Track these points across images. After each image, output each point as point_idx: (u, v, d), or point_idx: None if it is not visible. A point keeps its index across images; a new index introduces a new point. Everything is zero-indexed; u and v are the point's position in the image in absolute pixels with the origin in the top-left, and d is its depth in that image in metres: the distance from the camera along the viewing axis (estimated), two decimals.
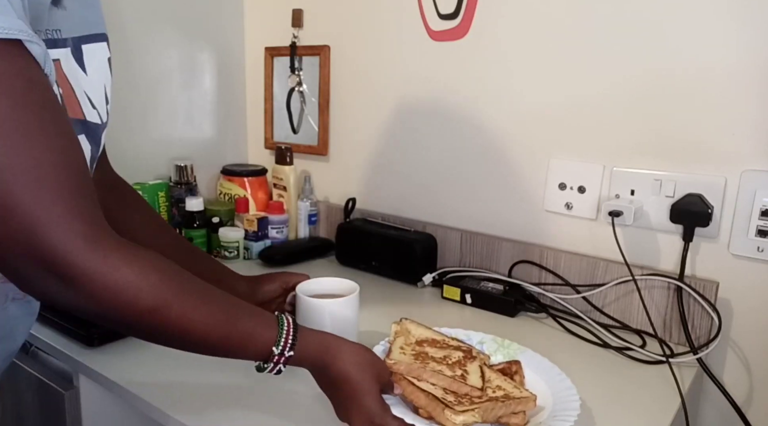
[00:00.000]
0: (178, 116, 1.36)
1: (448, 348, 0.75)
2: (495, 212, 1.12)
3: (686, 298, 0.91)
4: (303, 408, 0.70)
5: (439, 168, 1.19)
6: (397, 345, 0.73)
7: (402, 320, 0.79)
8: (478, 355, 0.75)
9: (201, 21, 1.37)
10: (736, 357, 0.90)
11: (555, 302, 1.02)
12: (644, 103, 0.93)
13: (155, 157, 1.33)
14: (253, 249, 1.25)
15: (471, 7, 1.08)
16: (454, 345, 0.76)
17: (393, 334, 0.77)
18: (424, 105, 1.18)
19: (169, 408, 0.69)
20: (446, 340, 0.77)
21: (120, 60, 1.22)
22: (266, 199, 1.39)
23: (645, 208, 0.95)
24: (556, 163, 1.03)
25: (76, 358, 0.80)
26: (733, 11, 0.83)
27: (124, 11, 1.21)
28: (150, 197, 1.26)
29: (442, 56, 1.14)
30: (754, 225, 0.85)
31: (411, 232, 1.17)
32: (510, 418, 0.65)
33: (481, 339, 0.82)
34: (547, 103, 1.02)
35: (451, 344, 0.76)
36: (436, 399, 0.63)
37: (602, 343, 0.91)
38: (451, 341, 0.77)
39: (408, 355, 0.71)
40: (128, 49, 1.23)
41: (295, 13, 1.34)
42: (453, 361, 0.72)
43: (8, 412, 0.96)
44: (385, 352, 0.74)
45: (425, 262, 1.14)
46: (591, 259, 1.00)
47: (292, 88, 1.40)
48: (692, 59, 0.87)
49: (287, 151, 1.33)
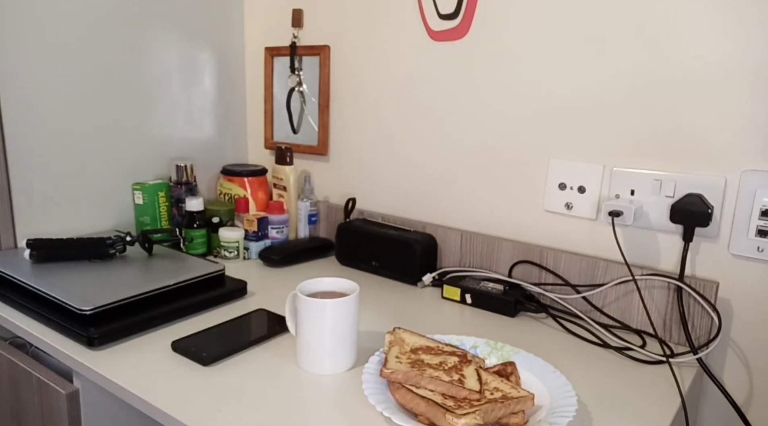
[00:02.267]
0: (178, 116, 1.36)
1: (443, 354, 0.76)
2: (495, 212, 1.12)
3: (686, 298, 0.91)
4: (303, 408, 0.70)
5: (439, 168, 1.19)
6: (392, 354, 0.74)
7: (395, 329, 0.80)
8: (473, 358, 0.75)
9: (201, 21, 1.37)
10: (736, 357, 0.90)
11: (555, 302, 1.02)
12: (644, 103, 0.93)
13: (155, 157, 1.33)
14: (253, 249, 1.25)
15: (471, 7, 1.08)
16: (448, 351, 0.77)
17: (387, 344, 0.77)
18: (424, 105, 1.18)
19: (169, 408, 0.69)
20: (440, 346, 0.78)
21: (120, 60, 1.22)
22: (266, 199, 1.39)
23: (645, 208, 0.95)
24: (556, 163, 1.03)
25: (76, 358, 0.80)
26: (733, 11, 0.83)
27: (125, 11, 1.21)
28: (150, 197, 1.26)
29: (442, 56, 1.14)
30: (754, 225, 0.85)
31: (411, 232, 1.17)
32: (510, 418, 0.65)
33: (474, 343, 0.83)
34: (547, 102, 1.03)
35: (446, 350, 0.77)
36: (436, 405, 0.64)
37: (602, 343, 0.91)
38: (445, 347, 0.78)
39: (404, 363, 0.72)
40: (128, 49, 1.24)
41: (295, 13, 1.34)
42: (449, 366, 0.72)
43: (8, 412, 0.96)
44: (381, 362, 0.75)
45: (425, 262, 1.14)
46: (591, 259, 1.00)
47: (292, 88, 1.40)
48: (692, 59, 0.87)
49: (287, 151, 1.33)
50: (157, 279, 0.96)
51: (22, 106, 1.08)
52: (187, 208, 1.22)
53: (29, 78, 1.09)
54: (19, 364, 0.90)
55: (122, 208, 1.28)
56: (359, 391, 0.73)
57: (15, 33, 1.06)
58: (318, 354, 0.77)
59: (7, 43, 1.05)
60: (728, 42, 0.84)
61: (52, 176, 1.15)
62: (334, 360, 0.77)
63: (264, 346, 0.85)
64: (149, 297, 0.92)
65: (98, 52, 1.18)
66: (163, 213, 1.29)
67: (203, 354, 0.79)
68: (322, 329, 0.76)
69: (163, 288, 0.94)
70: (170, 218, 1.30)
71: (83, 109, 1.18)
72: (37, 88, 1.10)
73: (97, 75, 1.19)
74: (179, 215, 1.29)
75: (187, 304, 0.94)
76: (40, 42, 1.09)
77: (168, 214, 1.30)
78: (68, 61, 1.14)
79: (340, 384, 0.75)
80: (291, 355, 0.82)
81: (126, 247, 1.09)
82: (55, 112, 1.13)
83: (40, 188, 1.13)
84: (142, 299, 0.91)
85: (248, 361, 0.80)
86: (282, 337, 0.88)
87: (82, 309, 0.84)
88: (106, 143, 1.23)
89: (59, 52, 1.12)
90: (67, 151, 1.16)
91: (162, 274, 0.99)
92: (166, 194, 1.29)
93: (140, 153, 1.29)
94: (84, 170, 1.20)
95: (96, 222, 1.24)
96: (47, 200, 1.15)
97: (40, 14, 1.08)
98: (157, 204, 1.28)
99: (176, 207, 1.29)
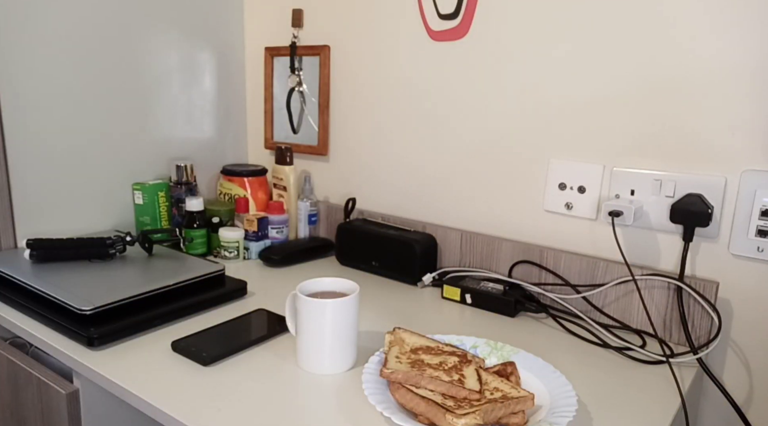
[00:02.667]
0: (178, 116, 1.36)
1: (443, 354, 0.76)
2: (495, 212, 1.12)
3: (686, 298, 0.91)
4: (303, 408, 0.70)
5: (439, 168, 1.19)
6: (392, 354, 0.74)
7: (395, 330, 0.80)
8: (473, 358, 0.75)
9: (201, 21, 1.37)
10: (736, 357, 0.90)
11: (555, 302, 1.02)
12: (644, 103, 0.93)
13: (155, 157, 1.33)
14: (253, 249, 1.25)
15: (471, 7, 1.08)
16: (448, 351, 0.77)
17: (387, 344, 0.77)
18: (424, 105, 1.18)
19: (169, 408, 0.69)
20: (440, 346, 0.78)
21: (120, 60, 1.22)
22: (266, 199, 1.39)
23: (645, 208, 0.95)
24: (556, 163, 1.03)
25: (76, 358, 0.80)
26: (734, 11, 0.83)
27: (125, 11, 1.21)
28: (150, 197, 1.26)
29: (442, 56, 1.14)
30: (754, 225, 0.85)
31: (411, 232, 1.17)
32: (510, 418, 0.65)
33: (474, 343, 0.83)
34: (547, 102, 1.02)
35: (446, 350, 0.77)
36: (436, 405, 0.64)
37: (602, 343, 0.91)
38: (445, 347, 0.78)
39: (404, 363, 0.72)
40: (128, 49, 1.24)
41: (295, 13, 1.34)
42: (449, 366, 0.72)
43: (8, 412, 0.96)
44: (381, 362, 0.75)
45: (425, 262, 1.14)
46: (591, 259, 1.00)
47: (292, 88, 1.40)
48: (692, 59, 0.87)
49: (287, 151, 1.33)
50: (157, 279, 0.96)
51: (22, 106, 1.08)
52: (187, 208, 1.22)
53: (29, 78, 1.09)
54: (19, 364, 0.90)
55: (122, 208, 1.28)
56: (359, 391, 0.73)
57: (15, 33, 1.06)
58: (318, 354, 0.77)
59: (7, 44, 1.05)
60: (728, 42, 0.84)
61: (52, 176, 1.15)
62: (334, 360, 0.77)
63: (264, 346, 0.85)
64: (149, 297, 0.92)
65: (98, 52, 1.18)
66: (163, 213, 1.29)
67: (203, 354, 0.79)
68: (322, 329, 0.76)
69: (163, 288, 0.94)
70: (170, 218, 1.30)
71: (83, 109, 1.18)
72: (37, 88, 1.10)
73: (97, 75, 1.19)
74: (179, 215, 1.29)
75: (187, 304, 0.94)
76: (40, 42, 1.09)
77: (168, 214, 1.30)
78: (68, 61, 1.14)
79: (340, 384, 0.75)
80: (291, 355, 0.82)
81: (126, 247, 1.09)
82: (55, 112, 1.13)
83: (41, 188, 1.13)
84: (142, 299, 0.91)
85: (248, 361, 0.80)
86: (282, 337, 0.88)
87: (82, 309, 0.84)
88: (106, 143, 1.23)
89: (59, 53, 1.12)
90: (67, 151, 1.16)
91: (162, 274, 0.99)
92: (166, 194, 1.29)
93: (140, 153, 1.29)
94: (84, 170, 1.20)
95: (96, 222, 1.24)
96: (47, 200, 1.15)
97: (40, 14, 1.08)
98: (157, 204, 1.28)
99: (176, 207, 1.29)
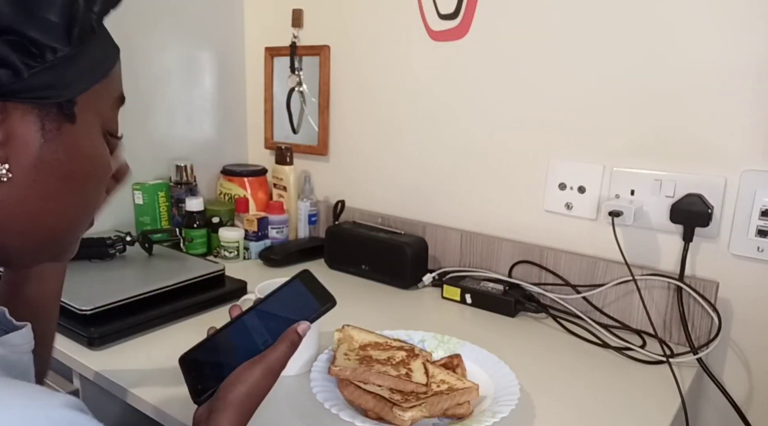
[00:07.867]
0: (178, 116, 1.36)
1: (391, 349, 0.77)
2: (495, 212, 1.12)
3: (686, 298, 0.91)
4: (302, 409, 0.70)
5: (438, 168, 1.19)
6: (341, 351, 0.74)
7: (344, 327, 0.80)
8: (420, 352, 0.77)
9: (201, 21, 1.37)
10: (736, 357, 0.90)
11: (555, 302, 1.02)
12: (644, 103, 0.93)
13: (155, 157, 1.33)
14: (253, 249, 1.25)
15: (471, 7, 1.08)
16: (396, 346, 0.78)
17: (336, 342, 0.77)
18: (424, 105, 1.18)
19: (169, 408, 0.69)
20: (389, 341, 0.79)
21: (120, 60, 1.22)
22: (266, 199, 1.39)
23: (645, 208, 0.95)
24: (556, 163, 1.03)
25: (76, 358, 0.80)
26: (734, 11, 0.83)
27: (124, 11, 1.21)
28: (150, 197, 1.26)
29: (442, 56, 1.14)
30: (754, 225, 0.85)
31: (402, 235, 1.15)
32: (456, 409, 0.67)
33: (422, 337, 0.84)
34: (547, 102, 1.02)
35: (394, 345, 0.78)
36: (384, 399, 0.65)
37: (602, 343, 0.91)
38: (393, 342, 0.79)
39: (352, 360, 0.73)
40: (128, 49, 1.23)
41: (295, 13, 1.34)
42: (397, 361, 0.73)
43: None
44: (329, 360, 0.75)
45: (416, 266, 1.12)
46: (591, 259, 1.00)
47: (292, 88, 1.40)
48: (692, 59, 0.87)
49: (287, 151, 1.33)
50: (157, 279, 0.96)
51: None
52: (187, 208, 1.22)
53: None
54: None
55: (122, 208, 1.27)
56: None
57: None
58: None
59: None
60: (728, 42, 0.84)
61: None
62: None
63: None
64: (149, 297, 0.92)
65: None
66: (163, 213, 1.29)
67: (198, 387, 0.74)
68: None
69: (163, 288, 0.94)
70: (170, 218, 1.30)
71: None
72: None
73: None
74: (179, 215, 1.28)
75: (187, 305, 0.94)
76: None
77: (168, 214, 1.30)
78: None
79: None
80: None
81: (126, 247, 1.09)
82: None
83: None
84: (142, 299, 0.90)
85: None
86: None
87: (82, 309, 0.84)
88: None
89: None
90: None
91: (162, 274, 0.99)
92: (166, 194, 1.29)
93: (140, 153, 1.29)
94: None
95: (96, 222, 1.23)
96: None
97: None
98: (157, 204, 1.28)
99: (176, 207, 1.29)
